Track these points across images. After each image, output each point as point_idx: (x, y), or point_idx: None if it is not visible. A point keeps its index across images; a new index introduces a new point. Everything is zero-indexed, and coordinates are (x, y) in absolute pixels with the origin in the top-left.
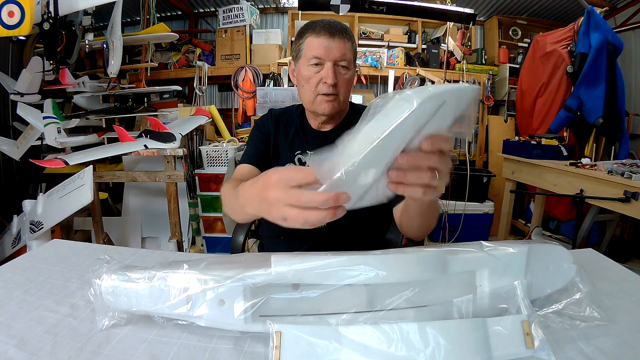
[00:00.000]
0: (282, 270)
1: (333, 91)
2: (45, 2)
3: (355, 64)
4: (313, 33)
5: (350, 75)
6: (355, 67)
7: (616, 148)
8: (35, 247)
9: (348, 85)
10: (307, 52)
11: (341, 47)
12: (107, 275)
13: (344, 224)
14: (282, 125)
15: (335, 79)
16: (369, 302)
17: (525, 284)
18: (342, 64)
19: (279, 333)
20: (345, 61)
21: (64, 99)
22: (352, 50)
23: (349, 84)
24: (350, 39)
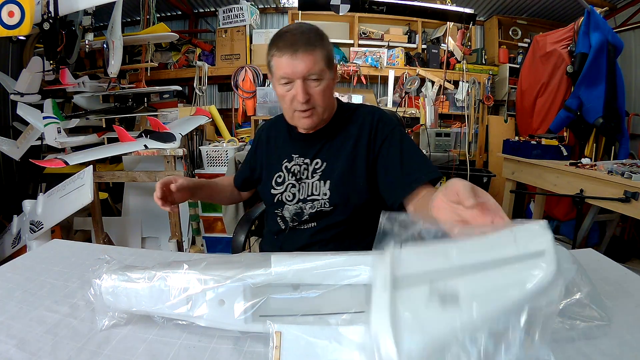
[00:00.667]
0: (282, 270)
1: (307, 107)
2: (45, 2)
3: (332, 67)
4: (277, 52)
5: (324, 84)
6: (334, 68)
7: (616, 148)
8: (35, 247)
9: (324, 94)
10: (276, 72)
11: (307, 61)
12: (107, 275)
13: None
14: (272, 135)
15: (306, 95)
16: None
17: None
18: (312, 77)
19: (279, 333)
20: (315, 74)
21: (64, 99)
22: (323, 58)
23: (326, 93)
24: (319, 46)
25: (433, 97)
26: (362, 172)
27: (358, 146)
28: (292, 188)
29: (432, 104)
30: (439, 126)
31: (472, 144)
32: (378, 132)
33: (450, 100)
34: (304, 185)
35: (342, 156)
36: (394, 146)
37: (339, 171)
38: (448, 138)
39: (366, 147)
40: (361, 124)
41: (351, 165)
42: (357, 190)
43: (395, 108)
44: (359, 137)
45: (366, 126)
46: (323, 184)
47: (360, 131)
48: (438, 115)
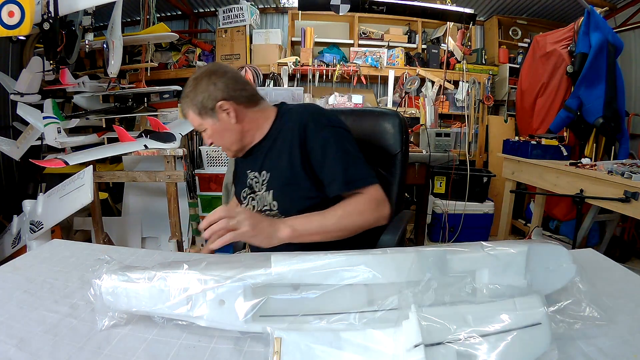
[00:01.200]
0: (282, 270)
1: (215, 146)
2: (45, 2)
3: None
4: None
5: (210, 132)
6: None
7: (616, 148)
8: (35, 247)
9: (216, 137)
10: None
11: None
12: (107, 275)
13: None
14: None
15: (207, 140)
16: (369, 302)
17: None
18: (200, 129)
19: (279, 339)
20: (196, 127)
21: (64, 99)
22: (195, 114)
23: (217, 135)
24: (188, 109)
25: (433, 97)
26: (303, 175)
27: (293, 150)
28: (252, 201)
29: (432, 104)
30: (439, 126)
31: (472, 144)
32: (307, 132)
33: (450, 100)
34: (258, 197)
35: (281, 164)
36: (318, 153)
37: (281, 179)
38: (448, 138)
39: (299, 150)
40: (293, 127)
41: (291, 170)
42: (303, 194)
43: (395, 108)
44: (293, 141)
45: (297, 129)
46: (268, 195)
47: (293, 134)
48: (438, 115)
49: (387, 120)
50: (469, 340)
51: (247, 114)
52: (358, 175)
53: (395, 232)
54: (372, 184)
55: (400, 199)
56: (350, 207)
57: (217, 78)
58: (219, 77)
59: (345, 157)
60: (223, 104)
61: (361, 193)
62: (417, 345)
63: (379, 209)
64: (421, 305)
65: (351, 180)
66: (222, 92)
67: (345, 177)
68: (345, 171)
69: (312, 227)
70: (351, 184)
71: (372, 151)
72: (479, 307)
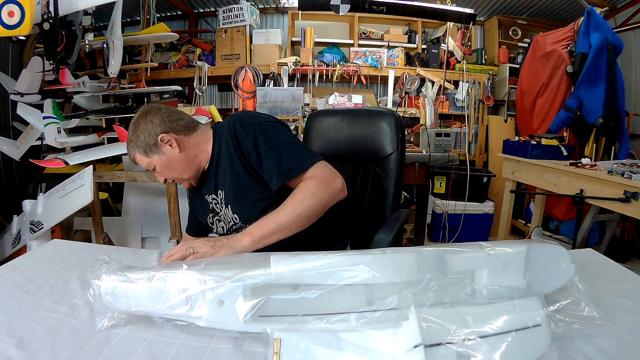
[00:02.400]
0: (282, 271)
1: (172, 181)
2: (45, 2)
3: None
4: None
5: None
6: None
7: (616, 148)
8: (35, 247)
9: (166, 171)
10: None
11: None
12: (107, 275)
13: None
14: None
15: (160, 177)
16: (368, 302)
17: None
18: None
19: (278, 340)
20: (146, 167)
21: (64, 99)
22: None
23: (167, 170)
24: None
25: (433, 97)
26: (251, 182)
27: (233, 161)
28: (218, 223)
29: (432, 104)
30: (439, 126)
31: (472, 144)
32: (238, 139)
33: (450, 100)
34: (221, 216)
35: (227, 177)
36: (252, 153)
37: (232, 192)
38: (448, 138)
39: (237, 157)
40: (227, 139)
41: (238, 180)
42: (256, 197)
43: (395, 108)
44: (229, 151)
45: (230, 138)
46: (228, 210)
47: (228, 145)
48: (438, 115)
49: (383, 120)
50: (468, 341)
51: (189, 140)
52: (293, 163)
53: (390, 231)
54: (312, 165)
55: (397, 198)
56: (301, 194)
57: (152, 116)
58: (153, 114)
59: (276, 149)
60: (163, 136)
61: (306, 178)
62: (416, 345)
63: (329, 184)
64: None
65: (287, 169)
66: (160, 126)
67: (280, 169)
68: (280, 163)
69: (270, 228)
70: (288, 173)
71: (368, 150)
72: (478, 309)
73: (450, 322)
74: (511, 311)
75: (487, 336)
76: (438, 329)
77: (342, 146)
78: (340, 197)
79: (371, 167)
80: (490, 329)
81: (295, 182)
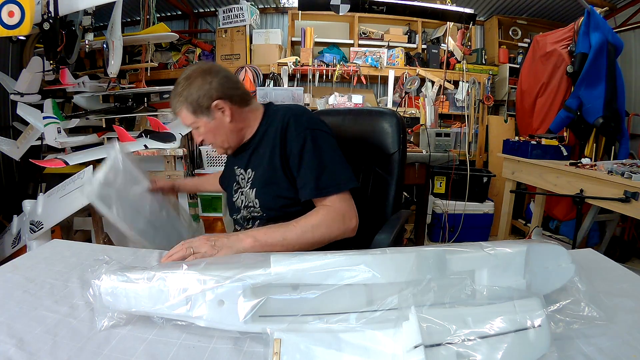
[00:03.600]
0: (282, 270)
1: (206, 145)
2: (45, 2)
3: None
4: None
5: (203, 129)
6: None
7: (616, 148)
8: (35, 247)
9: (209, 135)
10: None
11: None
12: (107, 275)
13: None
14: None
15: (197, 138)
16: (368, 302)
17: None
18: (191, 127)
19: (278, 340)
20: (188, 125)
21: (64, 99)
22: (189, 111)
23: (210, 134)
24: (180, 105)
25: (433, 97)
26: (282, 175)
27: (274, 151)
28: (240, 195)
29: (432, 104)
30: (439, 126)
31: (472, 144)
32: (287, 134)
33: (450, 100)
34: (244, 193)
35: (263, 163)
36: (295, 156)
37: (262, 178)
38: (448, 138)
39: (279, 151)
40: (276, 128)
41: (271, 170)
42: (281, 193)
43: (395, 108)
44: (274, 143)
45: (279, 130)
46: (251, 192)
47: (275, 135)
48: (438, 115)
49: (384, 120)
50: (468, 341)
51: (241, 113)
52: (329, 182)
53: (390, 232)
54: (342, 190)
55: (398, 199)
56: (315, 221)
57: (212, 77)
58: (213, 76)
59: (319, 161)
60: (219, 103)
61: (328, 205)
62: (417, 346)
63: (344, 223)
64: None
65: (322, 186)
66: (218, 91)
67: (316, 184)
68: (317, 178)
69: (275, 239)
70: (322, 190)
71: (369, 150)
72: (479, 309)
73: (450, 323)
74: (511, 312)
75: (487, 337)
76: (438, 329)
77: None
78: (348, 235)
79: (372, 168)
80: (490, 330)
81: (321, 201)
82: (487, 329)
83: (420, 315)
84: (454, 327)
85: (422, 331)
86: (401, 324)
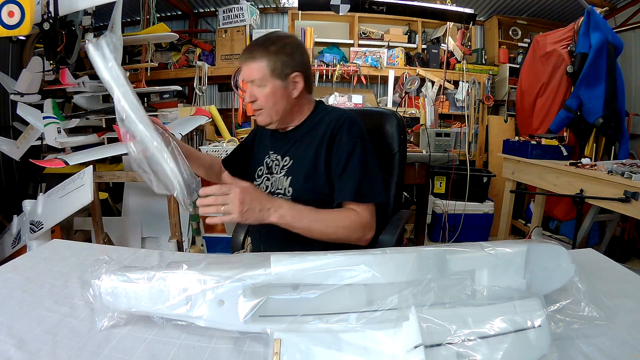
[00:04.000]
0: (282, 271)
1: (255, 107)
2: (45, 2)
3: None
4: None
5: (267, 90)
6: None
7: (616, 148)
8: (35, 247)
9: (269, 100)
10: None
11: (249, 68)
12: (107, 276)
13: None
14: (258, 134)
15: (250, 97)
16: (368, 302)
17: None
18: (255, 83)
19: (278, 340)
20: (255, 80)
21: (64, 99)
22: (268, 66)
23: (270, 98)
24: (264, 56)
25: (433, 97)
26: (322, 172)
27: (321, 148)
28: (266, 181)
29: (432, 104)
30: (439, 126)
31: (472, 144)
32: (337, 136)
33: (450, 100)
34: (274, 179)
35: (307, 156)
36: (342, 158)
37: (302, 169)
38: (448, 138)
39: (326, 149)
40: (328, 126)
41: (313, 165)
42: (317, 188)
43: (395, 108)
44: (323, 139)
45: (330, 129)
46: (285, 180)
47: (325, 133)
48: (438, 115)
49: (385, 120)
50: (469, 342)
51: (304, 97)
52: (368, 190)
53: (393, 232)
54: (375, 201)
55: (399, 199)
56: (343, 222)
57: (302, 51)
58: (303, 51)
59: (363, 169)
60: (298, 76)
61: (357, 212)
62: (417, 346)
63: (364, 232)
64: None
65: (361, 192)
66: (302, 66)
67: (356, 189)
68: (359, 184)
69: (300, 223)
70: (360, 196)
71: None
72: (479, 309)
73: (450, 323)
74: (511, 312)
75: (488, 337)
76: (438, 329)
77: None
78: (361, 244)
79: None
80: (490, 330)
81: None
82: (488, 329)
83: (421, 315)
84: (454, 327)
85: (423, 331)
86: (401, 324)
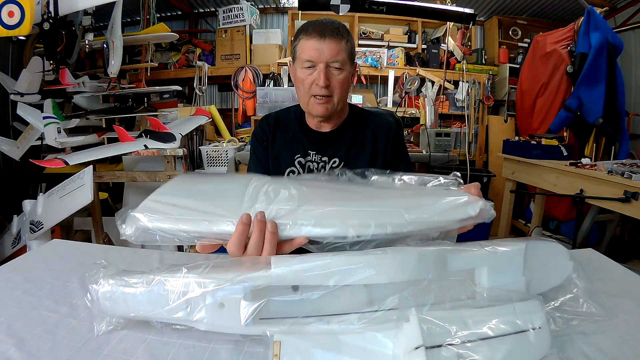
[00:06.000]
0: (282, 272)
1: (326, 92)
2: (45, 2)
3: (354, 63)
4: (305, 35)
5: (344, 75)
6: (354, 66)
7: (616, 148)
8: (35, 247)
9: (343, 85)
10: (301, 55)
11: (333, 48)
12: (104, 280)
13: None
14: (279, 130)
15: (327, 80)
16: (369, 303)
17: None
18: (335, 65)
19: (278, 342)
20: (338, 62)
21: (64, 99)
22: (347, 50)
23: (344, 84)
24: (344, 38)
25: (433, 97)
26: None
27: (377, 151)
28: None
29: (432, 104)
30: (439, 126)
31: (472, 144)
32: (397, 136)
33: (450, 100)
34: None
35: (361, 158)
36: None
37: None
38: (448, 138)
39: (383, 152)
40: (380, 130)
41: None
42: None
43: (395, 108)
44: (377, 142)
45: (384, 133)
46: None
47: (378, 136)
48: (438, 115)
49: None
50: (469, 343)
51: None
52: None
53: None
54: None
55: None
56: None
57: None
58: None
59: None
60: (356, 65)
61: None
62: (417, 347)
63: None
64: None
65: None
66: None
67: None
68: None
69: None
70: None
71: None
72: (479, 311)
73: (451, 324)
74: (512, 313)
75: (488, 338)
76: (439, 330)
77: None
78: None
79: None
80: (491, 331)
81: None
82: (488, 331)
83: (421, 316)
84: (454, 328)
85: (423, 332)
86: (402, 325)
